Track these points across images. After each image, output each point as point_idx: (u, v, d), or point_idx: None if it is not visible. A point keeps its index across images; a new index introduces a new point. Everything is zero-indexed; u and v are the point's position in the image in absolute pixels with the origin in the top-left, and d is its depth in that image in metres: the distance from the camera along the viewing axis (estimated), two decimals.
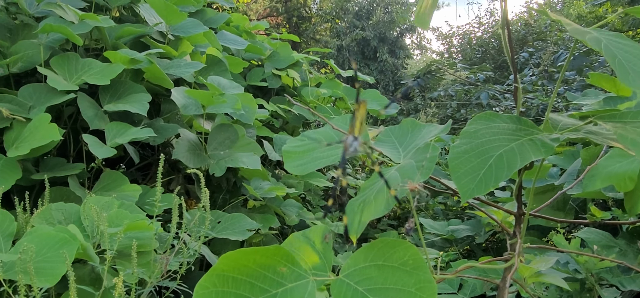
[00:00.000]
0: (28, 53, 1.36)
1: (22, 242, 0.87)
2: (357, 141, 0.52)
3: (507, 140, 0.64)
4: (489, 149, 0.63)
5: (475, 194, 0.59)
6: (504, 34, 0.66)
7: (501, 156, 0.61)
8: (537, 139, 0.63)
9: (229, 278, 0.61)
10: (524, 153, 0.60)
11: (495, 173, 0.59)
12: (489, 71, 4.40)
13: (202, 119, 1.60)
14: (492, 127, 0.67)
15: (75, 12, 1.46)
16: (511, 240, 0.72)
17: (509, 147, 0.62)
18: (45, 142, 1.12)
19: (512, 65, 0.65)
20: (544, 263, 0.73)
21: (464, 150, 0.64)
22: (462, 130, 0.68)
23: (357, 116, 0.53)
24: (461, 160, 0.63)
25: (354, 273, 0.65)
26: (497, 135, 0.65)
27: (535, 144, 0.62)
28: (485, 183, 0.59)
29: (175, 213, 0.99)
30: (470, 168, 0.61)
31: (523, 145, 0.62)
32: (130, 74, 1.56)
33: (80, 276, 0.95)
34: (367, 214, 0.66)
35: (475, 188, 0.59)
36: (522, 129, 0.66)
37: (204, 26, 1.85)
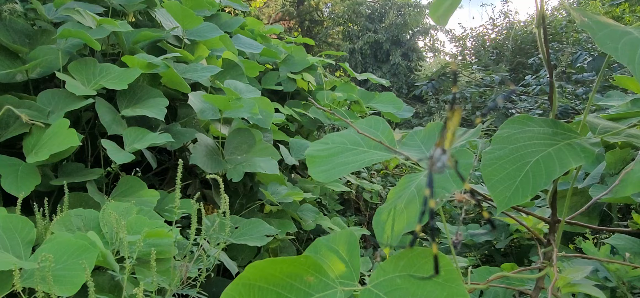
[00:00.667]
0: (47, 58, 1.36)
1: (42, 250, 0.86)
2: (446, 156, 0.44)
3: (544, 145, 0.61)
4: (525, 155, 0.60)
5: (512, 203, 0.56)
6: (540, 33, 0.63)
7: (538, 162, 0.58)
8: (576, 144, 0.60)
9: (256, 287, 0.59)
10: (562, 159, 0.57)
11: (532, 181, 0.56)
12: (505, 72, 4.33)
13: (219, 124, 1.58)
14: (526, 131, 0.64)
15: (93, 17, 1.46)
16: (545, 249, 0.68)
17: (546, 152, 0.59)
18: (64, 148, 1.12)
19: (547, 64, 0.62)
20: (580, 273, 0.69)
21: (498, 156, 0.61)
22: (495, 135, 0.65)
23: (449, 126, 0.45)
24: (495, 166, 0.60)
25: (383, 284, 0.63)
26: (533, 140, 0.62)
27: (575, 149, 0.59)
28: (523, 192, 0.56)
29: (195, 219, 0.98)
30: (505, 176, 0.58)
31: (561, 150, 0.59)
32: (147, 79, 1.56)
33: (100, 284, 0.94)
34: (399, 225, 0.63)
35: (512, 196, 0.56)
36: (559, 133, 0.63)
37: (219, 30, 1.85)
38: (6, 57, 1.36)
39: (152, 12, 1.89)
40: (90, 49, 1.56)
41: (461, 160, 0.62)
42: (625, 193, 0.88)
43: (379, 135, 0.79)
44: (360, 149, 0.79)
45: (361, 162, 0.75)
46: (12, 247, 0.89)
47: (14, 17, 1.46)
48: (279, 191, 1.66)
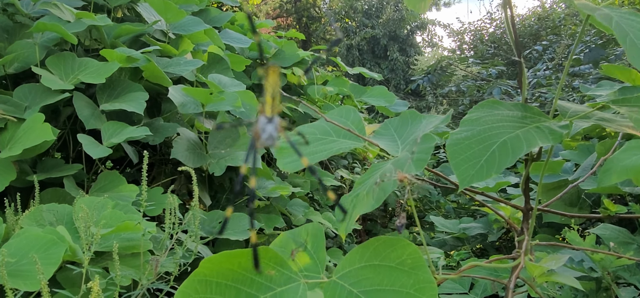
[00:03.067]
0: (23, 53, 1.34)
1: (9, 245, 0.84)
2: (273, 123, 0.38)
3: (512, 127, 0.59)
4: (492, 136, 0.58)
5: (474, 181, 0.54)
6: (506, 14, 0.60)
7: (505, 143, 0.55)
8: (545, 126, 0.57)
9: (213, 283, 0.57)
10: (530, 139, 0.54)
11: (498, 159, 0.54)
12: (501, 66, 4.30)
13: (203, 118, 1.56)
14: (495, 114, 0.62)
15: (71, 11, 1.44)
16: (519, 238, 0.66)
17: (514, 134, 0.57)
18: (38, 142, 1.10)
19: (515, 47, 0.60)
20: (555, 262, 0.67)
21: (465, 137, 0.59)
22: (463, 118, 0.63)
23: (266, 87, 0.38)
24: (461, 146, 0.58)
25: (349, 274, 0.61)
26: (501, 123, 0.60)
27: (543, 132, 0.56)
28: (487, 170, 0.54)
29: (169, 213, 0.96)
30: (470, 155, 0.56)
31: (529, 132, 0.56)
32: (128, 73, 1.54)
33: (71, 278, 0.92)
34: (358, 210, 0.61)
35: (476, 174, 0.54)
36: (528, 116, 0.61)
37: (204, 24, 1.82)
38: None
39: (137, 7, 1.87)
40: (71, 44, 1.54)
41: (422, 145, 0.60)
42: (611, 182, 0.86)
43: (348, 124, 0.77)
44: (329, 138, 0.77)
45: (330, 151, 0.73)
46: None
47: None
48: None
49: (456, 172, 0.55)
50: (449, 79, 5.42)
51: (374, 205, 0.60)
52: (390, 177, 0.50)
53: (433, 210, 2.67)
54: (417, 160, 0.60)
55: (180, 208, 1.28)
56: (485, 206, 0.84)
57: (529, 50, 4.61)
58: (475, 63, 4.92)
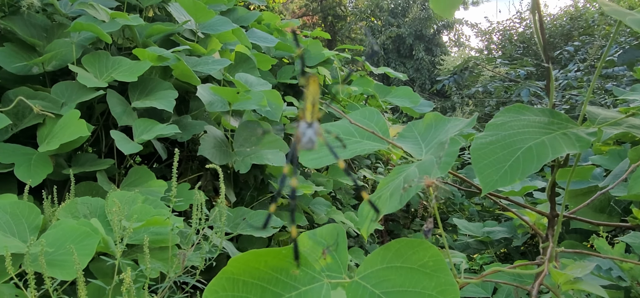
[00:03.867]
0: (61, 51, 1.40)
1: (46, 235, 0.89)
2: (312, 128, 0.40)
3: (538, 133, 0.58)
4: (517, 142, 0.58)
5: (498, 186, 0.54)
6: (534, 18, 0.60)
7: (530, 149, 0.55)
8: (572, 133, 0.57)
9: (239, 281, 0.59)
10: (555, 146, 0.54)
11: (522, 165, 0.54)
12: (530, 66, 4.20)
13: (229, 116, 1.59)
14: (521, 120, 0.62)
15: (106, 11, 1.49)
16: (543, 244, 0.66)
17: (539, 140, 0.56)
18: (73, 138, 1.14)
19: (543, 52, 0.59)
20: (581, 269, 0.66)
21: (489, 141, 0.59)
22: (488, 123, 0.63)
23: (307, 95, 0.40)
24: (485, 151, 0.58)
25: (371, 275, 0.62)
26: (527, 128, 0.60)
27: (570, 138, 0.56)
28: (511, 175, 0.54)
29: (196, 209, 0.98)
30: (494, 160, 0.57)
31: (555, 138, 0.56)
32: (159, 72, 1.58)
33: (103, 270, 0.96)
34: (381, 211, 0.62)
35: (499, 180, 0.54)
36: (555, 122, 0.60)
37: (232, 24, 1.86)
38: (23, 51, 1.40)
39: (168, 7, 1.92)
40: (106, 43, 1.59)
41: (449, 148, 0.60)
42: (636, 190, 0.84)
43: (372, 126, 0.78)
44: (353, 139, 0.78)
45: (353, 151, 0.74)
46: (19, 232, 0.92)
47: (32, 12, 1.51)
48: (289, 184, 1.66)
49: (479, 177, 0.55)
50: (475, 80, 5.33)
51: (397, 206, 0.60)
52: (417, 183, 0.51)
53: (456, 212, 2.64)
54: (442, 164, 0.60)
55: (206, 204, 1.31)
56: (510, 211, 0.83)
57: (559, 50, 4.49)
58: (504, 63, 4.82)
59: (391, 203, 0.60)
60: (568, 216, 0.70)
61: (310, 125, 0.41)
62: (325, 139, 0.44)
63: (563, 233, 1.61)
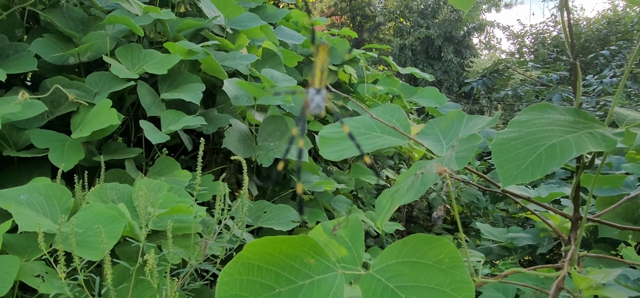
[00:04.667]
0: (96, 43, 1.45)
1: (77, 217, 0.92)
2: (320, 95, 0.43)
3: (562, 131, 0.57)
4: (540, 139, 0.57)
5: (517, 180, 0.53)
6: (563, 16, 0.59)
7: (554, 146, 0.54)
8: (598, 132, 0.56)
9: (255, 266, 0.60)
10: (580, 144, 0.53)
11: (544, 162, 0.53)
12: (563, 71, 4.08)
13: (254, 110, 1.62)
14: (545, 118, 0.61)
15: (139, 5, 1.54)
16: (565, 247, 0.64)
17: (563, 138, 0.55)
18: (105, 126, 1.19)
19: (570, 49, 0.58)
20: (604, 275, 0.65)
21: (511, 137, 0.59)
22: (512, 120, 0.62)
23: (317, 63, 0.43)
24: (506, 146, 0.57)
25: (386, 269, 0.62)
26: (551, 126, 0.59)
27: (595, 137, 0.55)
28: (532, 171, 0.53)
29: (220, 200, 1.01)
30: (515, 155, 0.56)
31: (580, 137, 0.55)
32: (188, 65, 1.62)
33: (128, 253, 0.99)
34: (397, 202, 0.62)
35: (519, 174, 0.54)
36: (581, 122, 0.59)
37: (261, 20, 1.88)
38: (61, 42, 1.46)
39: (198, 2, 1.97)
40: (138, 36, 1.64)
41: (468, 144, 0.60)
42: None
43: (393, 122, 0.78)
44: (373, 133, 0.78)
45: (373, 146, 0.75)
46: (51, 213, 0.96)
47: (70, 5, 1.57)
48: (310, 180, 1.68)
49: (499, 171, 0.54)
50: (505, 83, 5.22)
51: (413, 197, 0.60)
52: (430, 170, 0.51)
53: (480, 217, 2.59)
54: (460, 158, 0.60)
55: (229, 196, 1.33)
56: (533, 213, 0.81)
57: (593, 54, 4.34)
58: (535, 67, 4.69)
59: (407, 195, 0.60)
60: (592, 219, 0.69)
61: (319, 91, 0.43)
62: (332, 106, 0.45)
63: (591, 242, 1.56)
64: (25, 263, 0.91)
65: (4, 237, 0.88)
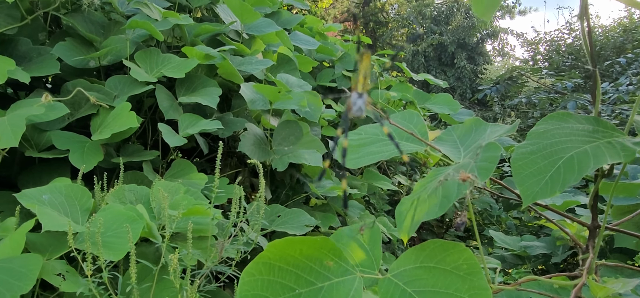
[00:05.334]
0: (116, 47, 1.48)
1: (96, 217, 0.95)
2: (362, 99, 0.46)
3: (581, 142, 0.57)
4: (559, 151, 0.57)
5: (538, 198, 0.53)
6: (583, 26, 0.59)
7: (572, 158, 0.55)
8: (617, 142, 0.56)
9: (275, 267, 0.61)
10: (598, 156, 0.53)
11: (563, 176, 0.53)
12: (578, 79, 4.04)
13: (269, 115, 1.64)
14: (564, 128, 0.61)
15: (159, 10, 1.57)
16: (583, 255, 0.64)
17: (582, 149, 0.56)
18: (124, 128, 1.21)
19: (590, 59, 0.58)
20: (622, 285, 0.64)
21: (530, 151, 0.59)
22: (530, 131, 0.63)
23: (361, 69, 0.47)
24: (526, 160, 0.58)
25: (404, 274, 0.62)
26: (570, 137, 0.59)
27: (614, 148, 0.55)
28: (552, 187, 0.53)
29: (235, 202, 1.02)
30: (535, 170, 0.56)
31: (599, 147, 0.55)
32: (205, 70, 1.65)
33: (146, 254, 1.01)
34: (420, 214, 0.62)
35: (540, 191, 0.54)
36: (600, 131, 0.59)
37: (276, 26, 1.90)
38: (82, 45, 1.50)
39: (215, 8, 2.00)
40: (156, 40, 1.67)
41: (487, 153, 0.60)
42: None
43: (411, 128, 0.78)
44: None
45: (390, 152, 0.75)
46: (72, 213, 0.98)
47: (91, 10, 1.61)
48: (323, 185, 1.68)
49: (520, 189, 0.55)
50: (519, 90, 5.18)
51: (437, 212, 0.61)
52: (452, 176, 0.52)
53: (493, 224, 2.58)
54: (481, 169, 0.60)
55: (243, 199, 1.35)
56: (550, 221, 0.81)
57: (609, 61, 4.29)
58: (550, 75, 4.66)
59: (430, 207, 0.61)
60: (610, 228, 0.68)
61: (361, 95, 0.46)
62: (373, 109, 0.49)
63: (606, 251, 1.54)
64: (46, 261, 0.93)
65: (27, 236, 0.91)
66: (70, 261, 0.95)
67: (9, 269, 0.81)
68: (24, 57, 1.40)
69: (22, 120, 1.10)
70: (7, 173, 1.34)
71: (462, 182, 0.50)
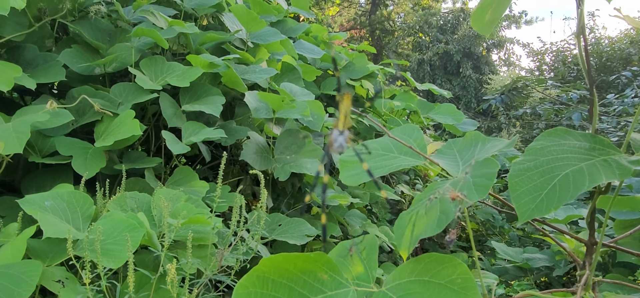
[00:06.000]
0: (122, 54, 1.50)
1: (97, 225, 0.95)
2: (343, 136, 0.49)
3: (577, 159, 0.57)
4: (555, 168, 0.57)
5: (534, 215, 0.54)
6: (580, 43, 0.60)
7: (567, 176, 0.55)
8: (613, 160, 0.56)
9: (270, 280, 0.61)
10: (594, 174, 0.53)
11: (558, 194, 0.54)
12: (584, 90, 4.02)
13: (272, 123, 1.64)
14: (561, 145, 0.61)
15: (165, 18, 1.59)
16: (579, 272, 0.64)
17: (577, 167, 0.56)
18: (127, 136, 1.22)
19: (587, 76, 0.59)
20: None
21: (527, 167, 0.59)
22: (528, 146, 0.63)
23: (341, 108, 0.50)
24: (523, 177, 0.58)
25: (398, 287, 0.63)
26: (566, 154, 0.59)
27: (610, 166, 0.55)
28: (547, 205, 0.54)
29: (236, 211, 1.03)
30: (531, 188, 0.56)
31: (594, 165, 0.55)
32: (209, 78, 1.66)
33: (145, 262, 1.02)
34: (418, 229, 0.63)
35: (536, 208, 0.54)
36: (597, 148, 0.59)
37: (281, 35, 1.92)
38: (88, 52, 1.52)
39: (221, 17, 2.01)
40: (162, 48, 1.69)
41: (483, 169, 0.61)
42: None
43: (411, 142, 0.79)
44: (391, 154, 0.79)
45: (390, 167, 0.76)
46: (73, 219, 0.99)
47: (98, 17, 1.63)
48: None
49: (516, 206, 0.55)
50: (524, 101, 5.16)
51: (435, 229, 0.61)
52: (443, 195, 0.52)
53: (496, 235, 2.56)
54: (478, 186, 0.60)
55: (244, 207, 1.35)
56: (548, 236, 0.81)
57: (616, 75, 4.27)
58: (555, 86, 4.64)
59: (428, 223, 0.61)
60: (607, 245, 0.68)
61: (342, 133, 0.49)
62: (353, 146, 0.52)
63: (608, 266, 1.53)
64: (46, 268, 0.94)
65: (28, 242, 0.92)
66: (70, 268, 0.96)
67: (9, 275, 0.82)
68: (31, 63, 1.42)
69: (26, 126, 1.11)
70: (10, 179, 1.36)
71: (452, 200, 0.50)
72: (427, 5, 11.23)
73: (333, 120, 2.11)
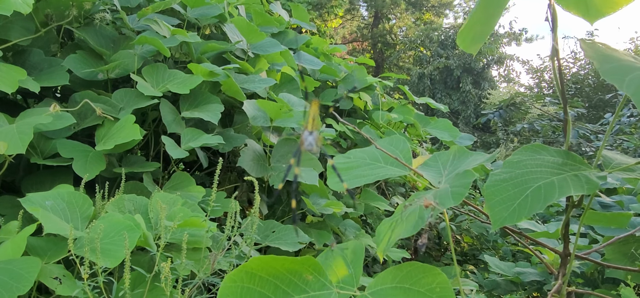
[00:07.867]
0: (125, 61, 1.54)
1: (95, 225, 0.99)
2: (312, 136, 0.55)
3: (550, 173, 0.61)
4: (529, 180, 0.61)
5: (507, 223, 0.57)
6: (554, 65, 0.63)
7: (539, 188, 0.58)
8: (582, 175, 0.59)
9: (257, 276, 0.64)
10: (563, 187, 0.57)
11: (530, 204, 0.57)
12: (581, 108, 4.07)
13: (270, 132, 1.68)
14: (536, 159, 0.65)
15: (168, 27, 1.63)
16: (553, 283, 0.67)
17: (549, 180, 0.59)
18: (127, 140, 1.26)
19: (561, 97, 0.62)
20: None
21: (503, 179, 0.63)
22: (506, 159, 0.66)
23: (310, 112, 0.57)
24: (498, 188, 0.62)
25: (380, 292, 0.66)
26: (540, 168, 0.63)
27: (579, 180, 0.58)
28: (519, 213, 0.57)
29: (231, 217, 1.06)
30: (505, 197, 0.60)
31: (565, 179, 0.59)
32: (209, 86, 1.70)
33: (141, 262, 1.05)
34: (396, 233, 0.66)
35: (508, 217, 0.58)
36: (569, 163, 0.63)
37: (281, 46, 1.96)
38: (92, 58, 1.56)
39: (223, 26, 2.06)
40: (163, 56, 1.73)
41: (463, 180, 0.64)
42: None
43: (397, 153, 0.82)
44: (377, 164, 0.83)
45: (376, 176, 0.79)
46: (72, 219, 1.02)
47: (103, 24, 1.67)
48: (319, 202, 1.72)
49: (490, 213, 0.59)
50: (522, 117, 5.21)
51: (411, 231, 0.64)
52: (417, 204, 0.56)
53: (489, 249, 2.59)
54: (455, 194, 0.64)
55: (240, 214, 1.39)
56: (526, 247, 0.84)
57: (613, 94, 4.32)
58: (553, 102, 4.69)
59: (407, 228, 0.64)
60: (580, 256, 0.71)
61: (311, 133, 0.55)
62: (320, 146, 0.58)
63: (598, 282, 1.56)
64: (44, 265, 0.97)
65: (27, 240, 0.95)
66: (67, 266, 0.99)
67: (9, 271, 0.85)
68: (36, 67, 1.46)
69: (29, 128, 1.15)
70: (11, 179, 1.39)
71: (425, 208, 0.54)
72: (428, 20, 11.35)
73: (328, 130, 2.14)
